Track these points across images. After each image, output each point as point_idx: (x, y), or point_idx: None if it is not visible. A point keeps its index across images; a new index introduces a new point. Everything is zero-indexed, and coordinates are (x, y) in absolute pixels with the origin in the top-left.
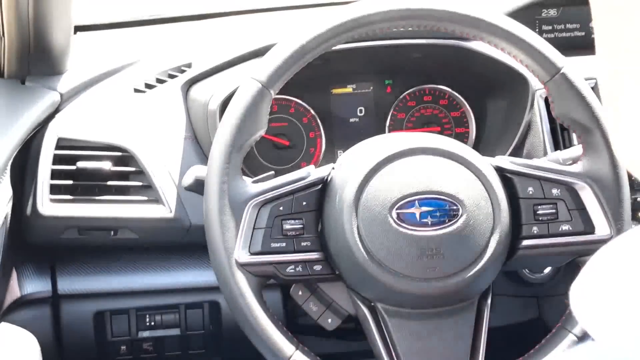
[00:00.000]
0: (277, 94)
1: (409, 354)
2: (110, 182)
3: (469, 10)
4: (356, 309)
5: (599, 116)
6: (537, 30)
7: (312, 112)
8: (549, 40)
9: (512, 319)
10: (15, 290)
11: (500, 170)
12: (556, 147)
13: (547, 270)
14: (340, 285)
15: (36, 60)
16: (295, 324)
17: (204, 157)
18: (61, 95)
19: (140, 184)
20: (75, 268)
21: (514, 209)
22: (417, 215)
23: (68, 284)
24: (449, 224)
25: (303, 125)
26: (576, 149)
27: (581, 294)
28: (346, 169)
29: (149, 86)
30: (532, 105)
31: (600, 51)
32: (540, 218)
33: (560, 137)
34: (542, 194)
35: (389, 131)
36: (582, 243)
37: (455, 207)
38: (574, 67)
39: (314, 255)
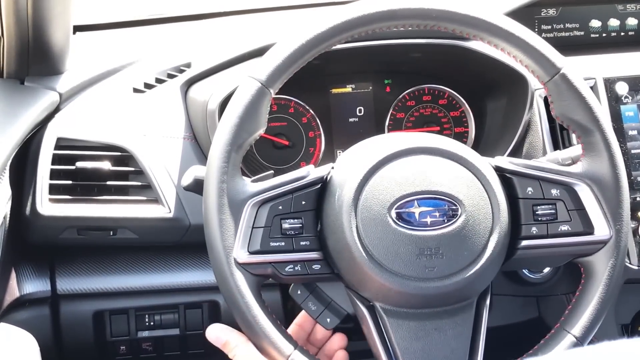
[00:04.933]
0: (277, 93)
1: (408, 353)
2: (109, 182)
3: (469, 10)
4: (355, 308)
5: (599, 117)
6: (536, 29)
7: (312, 111)
8: (548, 39)
9: (511, 319)
10: (14, 290)
11: (499, 170)
12: (555, 146)
13: (547, 270)
14: (339, 284)
15: (35, 60)
16: None
17: (203, 157)
18: (60, 95)
19: (139, 183)
20: (75, 268)
21: (513, 209)
22: (416, 215)
23: (67, 284)
24: (448, 224)
25: (302, 125)
26: (575, 149)
27: None
28: (345, 169)
29: (148, 86)
30: (531, 105)
31: None
32: (540, 218)
33: (559, 137)
34: (541, 194)
35: (388, 131)
36: (582, 244)
37: (454, 207)
38: (574, 67)
39: (312, 255)
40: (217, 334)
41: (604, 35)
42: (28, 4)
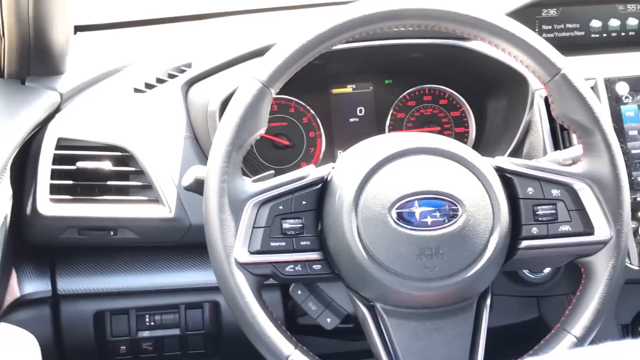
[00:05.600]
0: (277, 93)
1: (408, 353)
2: (110, 182)
3: (470, 10)
4: (355, 308)
5: (599, 117)
6: (537, 30)
7: (312, 112)
8: (548, 40)
9: (512, 319)
10: (15, 290)
11: (500, 171)
12: (556, 146)
13: (547, 270)
14: (340, 284)
15: (36, 60)
16: (294, 323)
17: (203, 157)
18: (61, 95)
19: (140, 184)
20: (75, 268)
21: (513, 209)
22: (417, 215)
23: (68, 284)
24: (448, 224)
25: (303, 125)
26: (576, 149)
27: None
28: (346, 169)
29: (149, 86)
30: (531, 105)
31: None
32: (540, 219)
33: (560, 137)
34: (541, 194)
35: (389, 131)
36: (582, 244)
37: (455, 207)
38: (574, 67)
39: (313, 255)
40: None
41: (604, 35)
42: (29, 4)
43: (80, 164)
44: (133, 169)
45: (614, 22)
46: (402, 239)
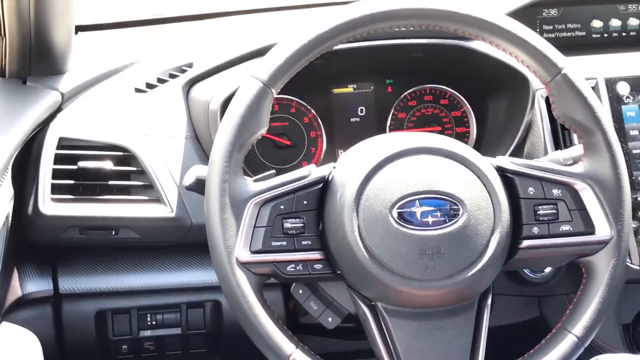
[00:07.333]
0: (278, 93)
1: (409, 353)
2: (111, 182)
3: (471, 10)
4: (356, 308)
5: (600, 117)
6: (537, 30)
7: (313, 111)
8: (549, 40)
9: (512, 319)
10: (16, 290)
11: (501, 170)
12: (557, 146)
13: (548, 270)
14: (341, 284)
15: (37, 60)
16: (296, 323)
17: (204, 157)
18: (62, 95)
19: (141, 183)
20: (77, 267)
21: (514, 209)
22: (418, 215)
23: (69, 284)
24: (449, 223)
25: (304, 124)
26: (577, 149)
27: None
28: (347, 169)
29: (150, 86)
30: (532, 105)
31: None
32: (541, 218)
33: (560, 137)
34: (542, 194)
35: (390, 131)
36: (583, 244)
37: (455, 207)
38: (575, 67)
39: (314, 255)
40: None
41: (605, 35)
42: (30, 4)
43: (82, 164)
44: (134, 168)
45: (615, 23)
46: (403, 238)
